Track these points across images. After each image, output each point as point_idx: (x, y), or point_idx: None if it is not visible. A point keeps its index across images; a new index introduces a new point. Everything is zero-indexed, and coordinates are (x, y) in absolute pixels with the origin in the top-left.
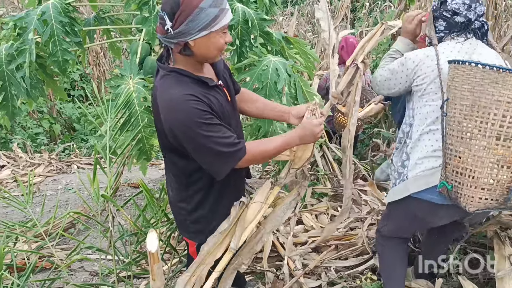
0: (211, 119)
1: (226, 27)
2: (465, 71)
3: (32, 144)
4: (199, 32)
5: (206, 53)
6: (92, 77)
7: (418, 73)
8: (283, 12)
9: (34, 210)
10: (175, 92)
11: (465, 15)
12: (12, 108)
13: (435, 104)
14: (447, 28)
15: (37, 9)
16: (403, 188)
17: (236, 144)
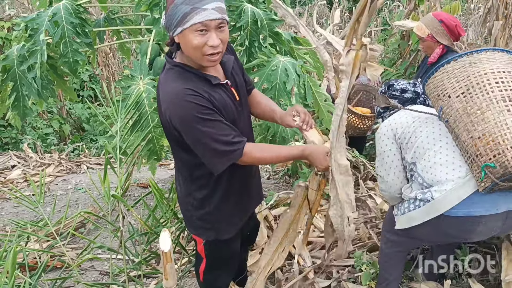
0: (210, 114)
1: (201, 27)
2: (443, 72)
3: (42, 144)
4: (175, 28)
5: (187, 52)
6: (101, 78)
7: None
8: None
9: (44, 210)
10: (176, 86)
11: (413, 91)
12: (24, 108)
13: (424, 132)
14: (399, 103)
15: (48, 10)
16: (431, 209)
17: (233, 143)
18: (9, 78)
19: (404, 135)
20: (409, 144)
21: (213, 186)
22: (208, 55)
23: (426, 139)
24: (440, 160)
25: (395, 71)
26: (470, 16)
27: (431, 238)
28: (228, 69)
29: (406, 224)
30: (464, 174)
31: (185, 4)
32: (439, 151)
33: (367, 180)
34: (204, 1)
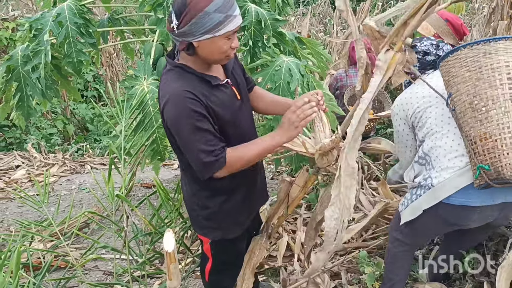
0: (201, 122)
1: (231, 33)
2: (456, 58)
3: (46, 144)
4: (202, 35)
5: (209, 56)
6: (105, 78)
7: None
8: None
9: (49, 210)
10: (175, 86)
11: (435, 53)
12: (28, 108)
13: (434, 112)
14: (421, 68)
15: (53, 10)
16: (430, 197)
17: (215, 154)
18: (14, 78)
19: (415, 115)
20: (420, 123)
21: (216, 185)
22: (228, 55)
23: (434, 120)
24: (445, 145)
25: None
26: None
27: (433, 228)
28: (229, 68)
29: (410, 216)
30: (464, 164)
31: (218, 12)
32: (446, 134)
33: (371, 180)
34: (233, 7)
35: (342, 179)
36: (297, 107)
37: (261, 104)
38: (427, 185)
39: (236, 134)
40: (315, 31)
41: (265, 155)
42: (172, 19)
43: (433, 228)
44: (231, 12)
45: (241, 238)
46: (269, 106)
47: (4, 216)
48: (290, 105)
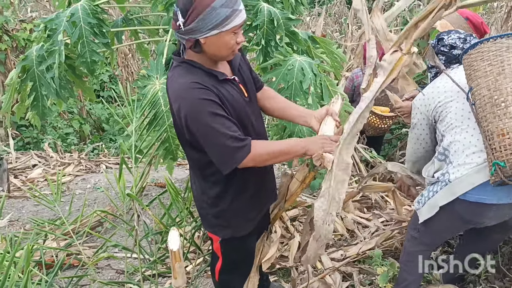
0: (217, 109)
1: (237, 28)
2: (479, 50)
3: (63, 144)
4: (209, 31)
5: (216, 52)
6: (121, 79)
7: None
8: (310, 13)
9: (63, 209)
10: (183, 81)
11: (462, 47)
12: (42, 108)
13: (454, 107)
14: (446, 61)
15: (67, 11)
16: (447, 193)
17: (241, 139)
18: (29, 78)
19: (436, 109)
20: (441, 117)
21: (226, 183)
22: (233, 51)
23: (455, 115)
24: (464, 140)
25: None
26: (493, 15)
27: (450, 225)
28: (235, 65)
29: (428, 214)
30: (482, 160)
31: (224, 7)
32: (466, 129)
33: (385, 181)
34: (238, 2)
35: (334, 173)
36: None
37: (269, 105)
38: (444, 181)
39: (245, 132)
40: (330, 31)
41: (288, 155)
42: (177, 17)
43: (450, 226)
44: (236, 6)
45: (250, 237)
46: (277, 110)
47: (20, 215)
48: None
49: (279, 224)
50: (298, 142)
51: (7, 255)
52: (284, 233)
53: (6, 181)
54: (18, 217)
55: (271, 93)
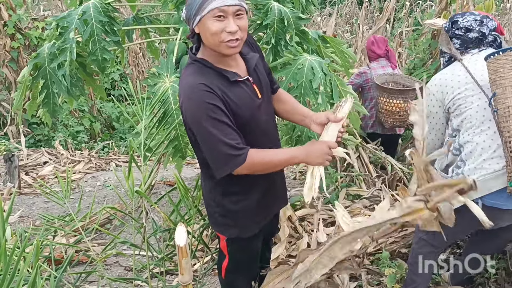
0: (219, 115)
1: (218, 12)
2: (508, 58)
3: (73, 141)
4: (194, 18)
5: (207, 41)
6: (131, 77)
7: (448, 92)
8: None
9: (73, 206)
10: (192, 80)
11: (479, 30)
12: (53, 105)
13: (476, 104)
14: (462, 45)
15: (78, 9)
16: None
17: (237, 148)
18: (40, 75)
19: (454, 101)
20: (457, 111)
21: (233, 183)
22: (226, 42)
23: (476, 113)
24: (484, 143)
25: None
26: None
27: (460, 226)
28: (251, 65)
29: None
30: (500, 167)
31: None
32: (486, 132)
33: (395, 181)
34: None
35: None
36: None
37: (277, 108)
38: None
39: (255, 133)
40: (341, 31)
41: (287, 165)
42: (183, 10)
43: (460, 227)
44: None
45: (257, 237)
46: (287, 113)
47: (31, 211)
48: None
49: (287, 224)
50: (297, 154)
51: (16, 250)
52: (292, 233)
53: (17, 177)
54: (28, 213)
55: (282, 96)
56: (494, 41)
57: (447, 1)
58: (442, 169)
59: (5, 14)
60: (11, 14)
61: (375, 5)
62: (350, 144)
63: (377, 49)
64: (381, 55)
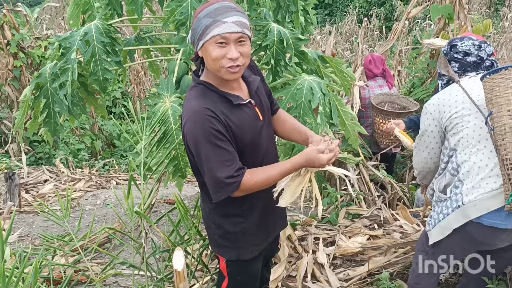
0: (220, 140)
1: (220, 39)
2: (504, 77)
3: (74, 159)
4: (197, 43)
5: (208, 66)
6: (133, 95)
7: (446, 110)
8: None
9: (73, 224)
10: (196, 104)
11: (477, 54)
12: (55, 124)
13: (472, 123)
14: (460, 68)
15: (81, 29)
16: (460, 216)
17: (233, 176)
18: (42, 95)
19: (451, 120)
20: (454, 129)
21: (233, 205)
22: (227, 68)
23: (472, 132)
24: (481, 162)
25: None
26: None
27: (460, 247)
28: (253, 88)
29: (439, 236)
30: (497, 186)
31: (207, 17)
32: (482, 151)
33: (395, 200)
34: (225, 14)
35: None
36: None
37: (281, 128)
38: (457, 202)
39: (256, 156)
40: (341, 49)
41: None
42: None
43: (460, 247)
44: (221, 18)
45: (257, 259)
46: (287, 133)
47: (30, 230)
48: (307, 135)
49: (287, 244)
50: (295, 165)
51: (15, 271)
52: (292, 253)
53: (17, 196)
54: (28, 232)
55: (282, 116)
56: (491, 66)
57: (445, 21)
58: (440, 190)
59: (8, 33)
60: (14, 34)
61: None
62: (350, 162)
63: (374, 68)
64: (377, 74)
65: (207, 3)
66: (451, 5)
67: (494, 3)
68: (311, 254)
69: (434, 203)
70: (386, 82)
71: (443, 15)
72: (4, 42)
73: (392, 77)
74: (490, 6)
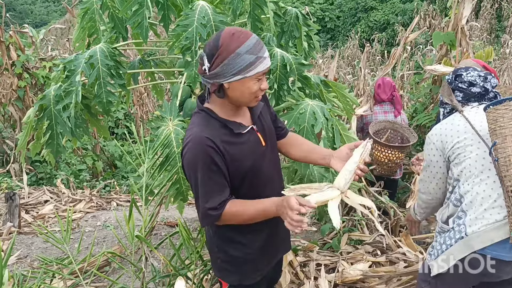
0: (213, 172)
1: (261, 75)
2: (507, 108)
3: (75, 180)
4: (233, 76)
5: (240, 98)
6: (136, 116)
7: (448, 140)
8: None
9: (73, 246)
10: (197, 131)
11: (482, 86)
12: (57, 146)
13: (475, 154)
14: (464, 98)
15: (86, 52)
16: (463, 246)
17: (216, 209)
18: (45, 117)
19: (453, 150)
20: (456, 160)
21: (236, 231)
22: (258, 97)
23: (475, 163)
24: (484, 193)
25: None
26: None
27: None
28: (256, 114)
29: (441, 267)
30: (501, 217)
31: (249, 53)
32: (485, 181)
33: (397, 226)
34: (263, 49)
35: None
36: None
37: (294, 152)
38: (460, 233)
39: (258, 180)
40: (343, 73)
41: (260, 218)
42: (204, 62)
43: (464, 279)
44: (261, 54)
45: (259, 285)
46: (301, 158)
47: (29, 251)
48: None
49: (288, 270)
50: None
51: None
52: (294, 279)
53: (17, 217)
54: (27, 254)
55: (296, 140)
56: (494, 98)
57: (447, 47)
58: (443, 221)
59: (13, 54)
60: (20, 55)
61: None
62: (352, 187)
63: (381, 93)
64: (385, 100)
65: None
66: (453, 33)
67: (495, 29)
68: (313, 280)
69: (436, 234)
70: (393, 109)
71: (445, 41)
72: (9, 62)
73: (401, 104)
74: (491, 32)
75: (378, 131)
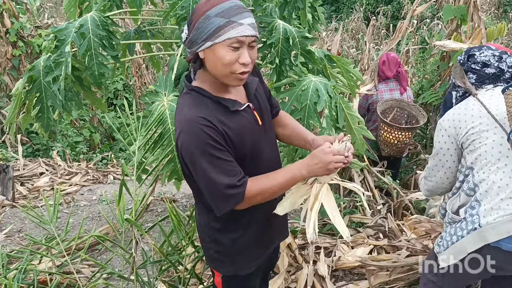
0: (218, 151)
1: (235, 43)
2: None
3: (72, 152)
4: (203, 43)
5: (214, 70)
6: (134, 88)
7: (462, 126)
8: (327, 28)
9: (65, 221)
10: (189, 113)
11: (497, 66)
12: (48, 119)
13: (491, 140)
14: (478, 80)
15: (76, 21)
16: (476, 238)
17: (236, 186)
18: (35, 89)
19: (467, 136)
20: (471, 146)
21: (232, 219)
22: (238, 74)
23: (491, 150)
24: (501, 182)
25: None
26: None
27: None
28: (252, 91)
29: (452, 259)
30: None
31: (220, 16)
32: (503, 169)
33: (400, 208)
34: (241, 15)
35: None
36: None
37: (281, 132)
38: (473, 224)
39: (257, 162)
40: (346, 47)
41: (289, 187)
42: (184, 30)
43: (476, 272)
44: (236, 18)
45: (255, 275)
46: (287, 137)
47: (23, 225)
48: (308, 138)
49: (286, 252)
50: (301, 171)
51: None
52: (292, 262)
53: (10, 189)
54: (20, 228)
55: (282, 119)
56: (511, 79)
57: (457, 22)
58: (454, 211)
59: (7, 21)
60: (14, 22)
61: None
62: (355, 167)
63: (386, 70)
64: (390, 77)
65: (214, 1)
66: (465, 6)
67: (503, 4)
68: (312, 265)
69: (446, 224)
70: (399, 86)
71: (456, 16)
72: (3, 30)
73: (407, 80)
74: (499, 7)
75: (384, 110)
